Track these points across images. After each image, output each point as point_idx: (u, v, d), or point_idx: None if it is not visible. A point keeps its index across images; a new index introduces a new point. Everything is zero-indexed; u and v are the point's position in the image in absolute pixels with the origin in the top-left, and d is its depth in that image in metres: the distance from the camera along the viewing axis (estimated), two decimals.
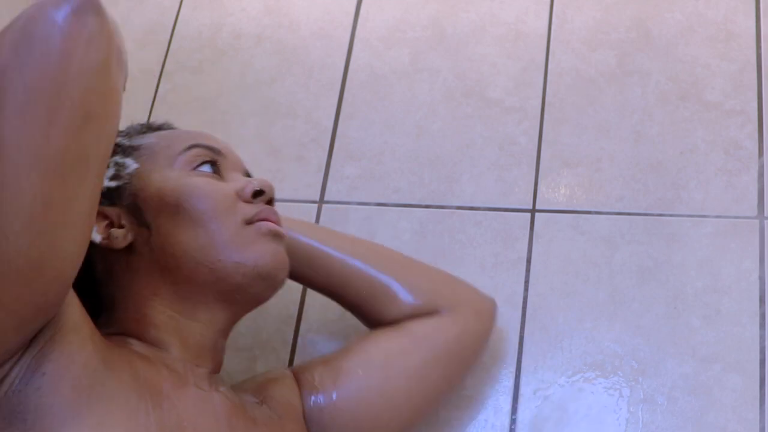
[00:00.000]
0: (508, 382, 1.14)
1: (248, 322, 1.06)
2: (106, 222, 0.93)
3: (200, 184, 0.93)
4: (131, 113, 1.07)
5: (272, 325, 1.19)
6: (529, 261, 1.20)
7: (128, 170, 0.94)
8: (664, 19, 1.32)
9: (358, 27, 1.42)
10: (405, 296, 1.06)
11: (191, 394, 0.87)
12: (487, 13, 1.38)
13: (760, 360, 1.09)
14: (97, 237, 0.91)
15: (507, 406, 1.13)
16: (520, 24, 1.36)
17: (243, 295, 0.92)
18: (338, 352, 1.06)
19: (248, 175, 1.02)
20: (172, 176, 0.93)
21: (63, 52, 0.73)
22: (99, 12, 0.75)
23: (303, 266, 1.07)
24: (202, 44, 1.46)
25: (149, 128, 1.02)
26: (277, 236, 0.94)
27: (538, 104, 1.30)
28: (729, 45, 1.28)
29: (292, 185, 1.31)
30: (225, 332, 0.96)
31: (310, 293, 1.22)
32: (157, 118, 1.06)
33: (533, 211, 1.23)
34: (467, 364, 1.10)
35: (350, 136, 1.33)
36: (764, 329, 1.11)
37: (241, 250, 0.91)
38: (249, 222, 0.92)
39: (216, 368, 0.95)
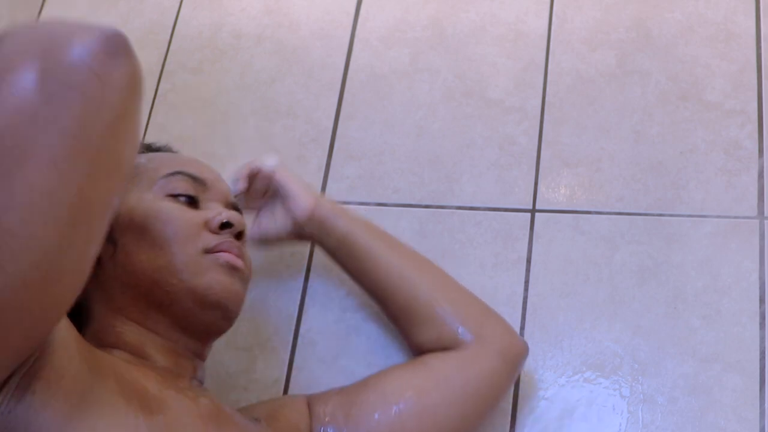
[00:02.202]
0: None
1: (248, 322, 1.06)
2: None
3: (169, 209, 0.94)
4: None
5: (272, 325, 1.19)
6: (529, 261, 1.20)
7: None
8: (664, 19, 1.32)
9: (358, 27, 1.42)
10: (439, 319, 1.07)
11: (178, 398, 0.88)
12: (487, 13, 1.38)
13: (760, 360, 1.09)
14: None
15: (507, 406, 1.13)
16: (520, 24, 1.36)
17: (195, 322, 0.92)
18: (356, 386, 1.05)
19: (234, 207, 1.02)
20: (146, 198, 0.94)
21: (98, 98, 0.68)
22: (129, 51, 0.70)
23: (355, 267, 1.10)
24: (202, 44, 1.46)
25: (147, 148, 1.03)
26: (233, 269, 0.93)
27: (538, 104, 1.30)
28: (729, 45, 1.28)
29: None
30: (199, 355, 0.96)
31: (310, 293, 1.22)
32: (160, 122, 1.07)
33: (533, 211, 1.23)
34: (486, 406, 1.07)
35: (350, 136, 1.33)
36: (764, 329, 1.11)
37: (195, 277, 0.91)
38: (208, 251, 0.93)
39: (198, 380, 0.95)
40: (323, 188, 1.30)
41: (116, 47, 0.69)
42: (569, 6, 1.36)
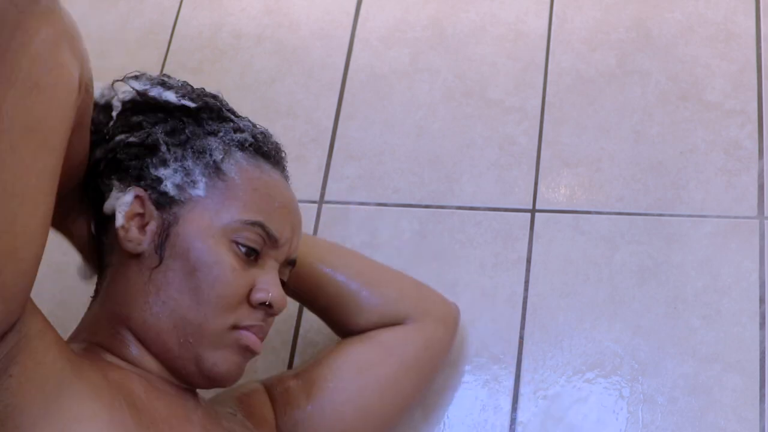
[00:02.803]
0: (508, 382, 1.14)
1: None
2: (140, 213, 0.90)
3: (226, 266, 0.88)
4: None
5: (272, 325, 1.19)
6: (529, 261, 1.20)
7: (193, 192, 0.90)
8: (664, 19, 1.32)
9: (358, 27, 1.42)
10: (372, 305, 1.07)
11: (165, 398, 0.88)
12: (487, 13, 1.38)
13: (760, 360, 1.09)
14: (120, 219, 0.89)
15: (507, 406, 1.13)
16: (520, 24, 1.36)
17: (187, 377, 0.90)
18: (308, 365, 1.06)
19: (289, 263, 0.96)
20: (213, 235, 0.89)
21: (15, 23, 0.73)
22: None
23: None
24: (202, 44, 1.46)
25: (255, 148, 0.95)
26: (249, 353, 0.91)
27: (538, 104, 1.30)
28: (729, 45, 1.28)
29: (292, 185, 1.30)
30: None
31: None
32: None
33: (533, 211, 1.23)
34: (435, 371, 1.12)
35: (350, 136, 1.33)
36: (764, 329, 1.11)
37: (209, 348, 0.88)
38: (235, 327, 0.89)
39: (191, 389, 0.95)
40: (323, 188, 1.30)
41: None
42: (569, 6, 1.36)
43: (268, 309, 0.91)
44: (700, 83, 1.26)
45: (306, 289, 1.08)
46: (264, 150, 0.96)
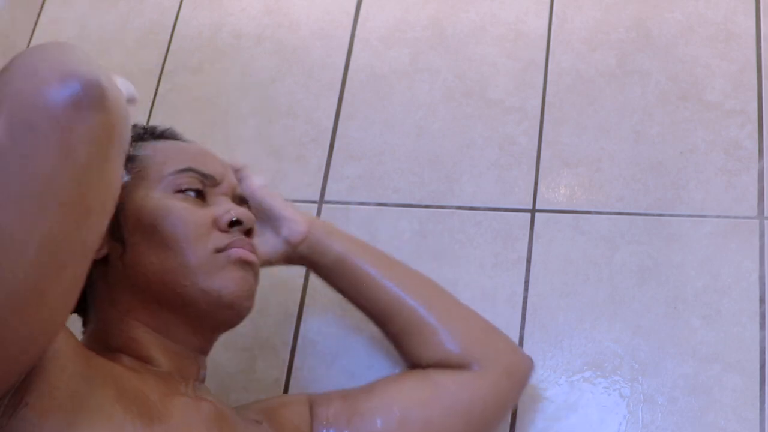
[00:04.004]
0: None
1: (248, 322, 1.05)
2: None
3: (178, 207, 0.92)
4: (132, 113, 1.06)
5: (272, 325, 1.19)
6: (529, 261, 1.20)
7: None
8: (664, 19, 1.32)
9: (358, 27, 1.42)
10: (440, 342, 1.05)
11: (178, 403, 0.88)
12: (487, 13, 1.38)
13: (760, 360, 1.09)
14: None
15: None
16: (520, 24, 1.36)
17: (209, 321, 0.92)
18: (360, 390, 1.05)
19: (241, 201, 0.99)
20: (154, 196, 0.92)
21: (63, 148, 0.70)
22: (102, 104, 0.72)
23: (352, 288, 1.07)
24: (202, 44, 1.46)
25: (151, 134, 1.00)
26: (245, 264, 0.92)
27: (538, 104, 1.30)
28: (729, 45, 1.28)
29: (292, 185, 1.31)
30: (203, 350, 0.96)
31: (310, 293, 1.23)
32: (160, 122, 1.03)
33: (533, 211, 1.23)
34: (492, 423, 1.08)
35: (350, 136, 1.33)
36: (764, 329, 1.11)
37: (208, 278, 0.90)
38: (220, 250, 0.91)
39: (200, 380, 0.95)
40: (323, 188, 1.30)
41: (87, 99, 0.71)
42: (569, 6, 1.36)
43: (240, 227, 0.93)
44: (700, 83, 1.26)
45: (382, 311, 1.07)
46: (159, 132, 1.01)
